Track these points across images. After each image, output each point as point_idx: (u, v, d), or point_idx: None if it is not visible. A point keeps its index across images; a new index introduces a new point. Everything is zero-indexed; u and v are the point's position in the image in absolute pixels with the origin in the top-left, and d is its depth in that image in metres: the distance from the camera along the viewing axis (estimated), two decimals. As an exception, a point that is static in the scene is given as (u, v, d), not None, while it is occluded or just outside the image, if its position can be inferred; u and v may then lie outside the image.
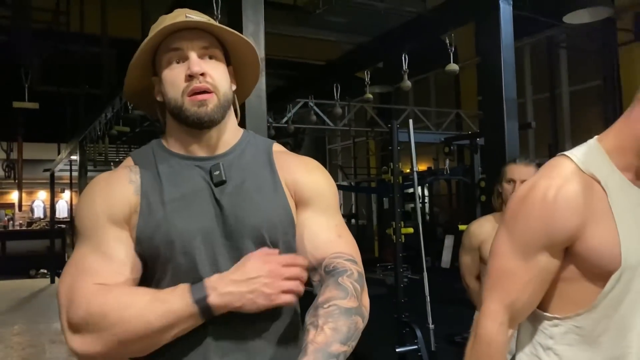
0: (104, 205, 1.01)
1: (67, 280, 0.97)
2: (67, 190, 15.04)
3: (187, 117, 1.03)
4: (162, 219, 1.00)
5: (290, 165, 1.12)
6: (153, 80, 1.10)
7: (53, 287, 10.39)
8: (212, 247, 1.01)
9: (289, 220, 1.07)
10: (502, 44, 2.38)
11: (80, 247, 1.01)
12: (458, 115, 8.80)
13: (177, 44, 1.03)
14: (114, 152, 8.58)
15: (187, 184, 1.04)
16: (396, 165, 4.01)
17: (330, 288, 0.98)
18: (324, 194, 1.12)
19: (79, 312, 0.93)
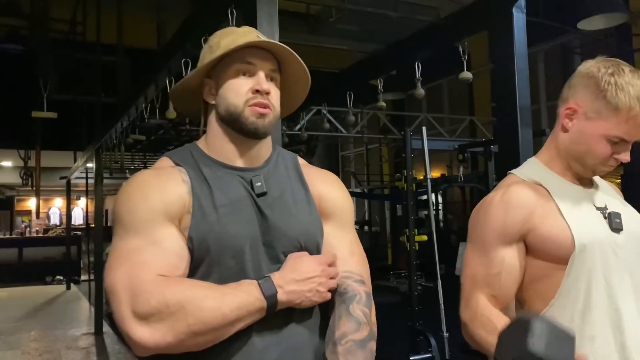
0: (159, 201, 1.04)
1: (124, 272, 0.98)
2: (83, 198, 15.20)
3: (244, 124, 1.10)
4: (215, 223, 1.05)
5: (316, 179, 1.22)
6: (205, 82, 1.17)
7: (69, 293, 10.48)
8: (257, 253, 1.07)
9: (320, 234, 1.16)
10: (516, 51, 2.37)
11: (130, 240, 1.01)
12: (472, 122, 8.78)
13: (251, 59, 1.12)
14: (129, 160, 8.67)
15: (232, 191, 1.10)
16: (410, 172, 4.02)
17: (343, 320, 1.08)
18: (344, 210, 1.22)
19: (151, 302, 0.94)
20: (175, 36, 3.46)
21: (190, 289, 0.98)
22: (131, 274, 0.97)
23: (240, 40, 1.12)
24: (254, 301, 0.99)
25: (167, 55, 3.52)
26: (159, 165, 1.14)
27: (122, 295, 0.96)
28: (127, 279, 0.97)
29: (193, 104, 1.23)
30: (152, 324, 0.94)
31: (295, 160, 1.24)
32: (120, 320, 0.96)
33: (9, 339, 6.53)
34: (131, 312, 0.94)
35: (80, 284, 11.41)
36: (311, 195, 1.18)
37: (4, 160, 12.74)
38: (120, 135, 5.75)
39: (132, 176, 1.12)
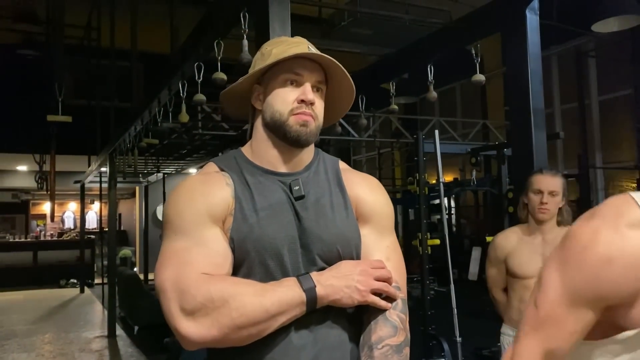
0: (205, 204, 1.10)
1: (172, 271, 1.04)
2: (97, 202, 15.34)
3: (288, 132, 1.15)
4: (255, 225, 1.11)
5: (355, 182, 1.24)
6: (254, 88, 1.22)
7: (83, 296, 10.56)
8: (295, 255, 1.12)
9: (357, 237, 1.19)
10: (529, 54, 2.36)
11: (178, 241, 1.08)
12: (485, 125, 8.72)
13: (299, 70, 1.16)
14: (143, 163, 8.72)
15: (273, 195, 1.15)
16: (422, 176, 3.99)
17: (380, 325, 1.11)
18: (382, 214, 1.24)
19: (197, 298, 1.00)
20: (188, 40, 3.48)
21: (233, 285, 1.03)
22: (178, 272, 1.03)
23: (290, 50, 1.16)
24: (293, 295, 1.04)
25: (180, 60, 3.55)
26: (205, 171, 1.20)
27: (170, 293, 1.02)
28: (175, 277, 1.03)
29: (242, 107, 1.28)
30: (198, 318, 0.99)
31: (336, 164, 1.28)
32: (169, 316, 1.01)
33: (24, 341, 6.59)
34: (179, 309, 1.00)
35: (93, 287, 11.50)
36: (349, 199, 1.21)
37: (20, 165, 12.88)
38: (133, 139, 5.79)
39: (181, 182, 1.18)
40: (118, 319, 7.26)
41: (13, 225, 16.49)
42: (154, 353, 5.73)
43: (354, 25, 4.85)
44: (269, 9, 1.92)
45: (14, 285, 11.20)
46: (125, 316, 7.40)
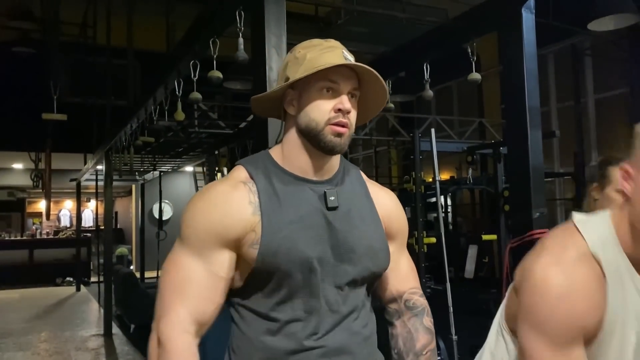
0: (220, 224, 1.11)
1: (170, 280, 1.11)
2: (93, 200, 15.31)
3: (322, 141, 1.15)
4: (285, 239, 1.10)
5: (381, 197, 1.28)
6: (287, 92, 1.21)
7: (79, 295, 10.54)
8: (325, 269, 1.12)
9: (386, 249, 1.22)
10: (525, 52, 2.36)
11: (184, 252, 1.12)
12: (481, 123, 8.73)
13: (335, 78, 1.15)
14: (139, 161, 8.70)
15: (303, 205, 1.15)
16: (418, 174, 4.00)
17: (421, 333, 1.19)
18: (405, 230, 1.31)
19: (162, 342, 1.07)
20: (184, 39, 3.47)
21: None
22: (171, 297, 1.09)
23: (326, 56, 1.15)
24: None
25: (176, 58, 3.54)
26: (233, 177, 1.19)
27: (160, 301, 1.11)
28: (168, 297, 1.10)
29: (272, 110, 1.28)
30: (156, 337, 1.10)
31: (359, 174, 1.30)
32: (155, 314, 1.10)
33: (20, 339, 6.58)
34: (157, 316, 1.10)
35: (90, 286, 11.48)
36: (377, 212, 1.24)
37: (15, 163, 12.84)
38: (129, 137, 5.77)
39: (208, 186, 1.20)
40: (114, 318, 7.25)
41: (9, 223, 16.43)
42: (150, 351, 5.72)
43: (350, 24, 4.84)
44: (265, 7, 1.91)
45: (9, 284, 11.17)
46: (122, 314, 7.39)
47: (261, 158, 1.22)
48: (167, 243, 10.39)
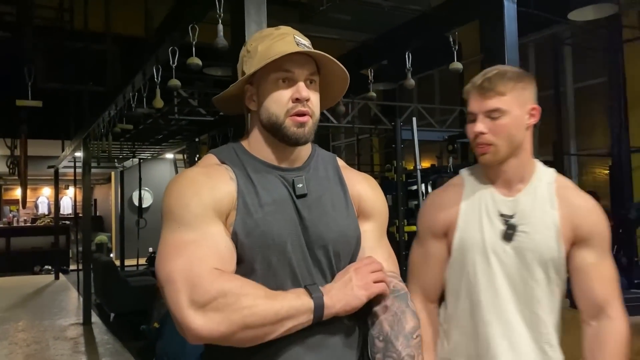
0: (210, 198, 1.08)
1: (182, 262, 1.01)
2: (71, 187, 15.08)
3: (285, 134, 1.13)
4: (260, 220, 1.09)
5: (355, 180, 1.26)
6: (246, 88, 1.19)
7: (57, 283, 10.42)
8: (297, 252, 1.11)
9: (357, 236, 1.20)
10: (507, 42, 2.36)
11: (184, 233, 1.05)
12: (462, 112, 8.77)
13: (288, 67, 1.13)
14: (118, 149, 8.58)
15: (275, 191, 1.13)
16: (400, 163, 4.01)
17: (409, 315, 1.15)
18: (382, 212, 1.28)
19: (210, 292, 0.97)
20: (162, 25, 3.41)
21: (245, 284, 1.02)
22: (190, 264, 1.00)
23: (277, 46, 1.12)
24: (302, 302, 1.04)
25: (155, 44, 3.47)
26: (205, 163, 1.18)
27: (180, 284, 0.99)
28: (186, 269, 1.00)
29: (236, 107, 1.27)
30: (209, 312, 0.97)
31: (334, 161, 1.28)
32: (176, 308, 0.99)
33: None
34: (189, 301, 0.98)
35: (68, 274, 11.35)
36: (350, 197, 1.22)
37: (-9, 149, 12.59)
38: (107, 124, 5.68)
39: (181, 173, 1.16)
40: (94, 306, 7.19)
41: (-15, 211, 16.13)
42: (130, 340, 5.69)
43: (333, 11, 4.80)
44: (245, -7, 1.87)
45: (-14, 272, 10.99)
46: (101, 303, 7.32)
47: (231, 147, 1.22)
48: (147, 231, 10.31)
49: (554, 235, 1.38)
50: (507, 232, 1.39)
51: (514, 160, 1.42)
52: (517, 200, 1.42)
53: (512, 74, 1.41)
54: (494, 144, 1.39)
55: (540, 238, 1.38)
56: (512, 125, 1.39)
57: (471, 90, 1.43)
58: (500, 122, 1.38)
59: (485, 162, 1.43)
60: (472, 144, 1.43)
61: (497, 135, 1.38)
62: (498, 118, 1.38)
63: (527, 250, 1.37)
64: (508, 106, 1.38)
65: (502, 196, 1.43)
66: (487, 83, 1.38)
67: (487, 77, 1.39)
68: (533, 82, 1.46)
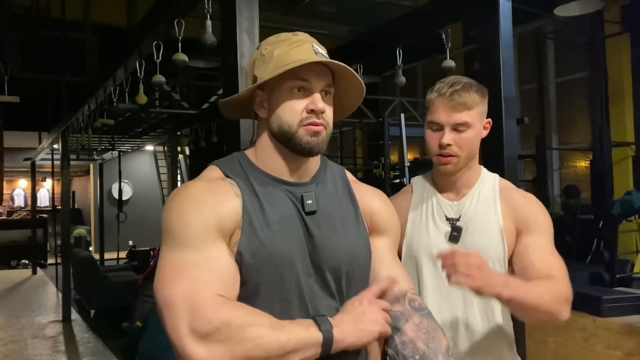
0: (214, 216, 1.02)
1: (184, 287, 0.95)
2: (49, 179, 14.78)
3: (298, 144, 1.08)
4: (266, 239, 1.03)
5: (367, 195, 1.21)
6: (256, 94, 1.13)
7: (35, 278, 10.22)
8: (306, 273, 1.06)
9: (369, 255, 1.15)
10: (501, 40, 2.32)
11: (185, 254, 0.98)
12: (446, 106, 8.77)
13: (306, 76, 1.08)
14: (97, 141, 8.41)
15: (282, 207, 1.08)
16: (387, 159, 3.97)
17: (440, 333, 1.09)
18: (396, 228, 1.24)
19: (213, 322, 0.91)
20: (147, 17, 3.29)
21: (251, 313, 0.96)
22: (191, 290, 0.94)
23: (294, 52, 1.07)
24: (310, 335, 0.97)
25: (138, 37, 3.36)
26: (208, 176, 1.12)
27: (181, 311, 0.93)
28: (187, 294, 0.94)
29: (242, 112, 1.21)
30: (211, 344, 0.91)
31: (343, 175, 1.23)
32: (176, 336, 0.93)
33: (-28, 327, 6.33)
34: (189, 329, 0.92)
35: (46, 268, 11.15)
36: (361, 214, 1.17)
37: (-36, 140, 12.24)
38: (87, 118, 5.53)
39: (183, 186, 1.09)
40: (73, 302, 7.05)
41: (-42, 203, 15.74)
42: (111, 338, 5.59)
43: (319, 4, 4.72)
44: (235, -13, 1.79)
45: (-40, 267, 10.74)
46: (81, 299, 7.19)
47: (235, 159, 1.15)
48: (127, 224, 10.16)
49: (498, 234, 1.45)
50: (453, 234, 1.46)
51: (466, 170, 1.51)
52: (461, 204, 1.50)
53: (477, 88, 1.47)
54: (458, 156, 1.45)
55: (486, 238, 1.45)
56: (474, 138, 1.47)
57: (438, 101, 1.47)
58: (466, 135, 1.45)
59: (446, 172, 1.49)
60: (433, 152, 1.48)
61: (461, 148, 1.45)
62: (464, 131, 1.44)
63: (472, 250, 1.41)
64: (473, 120, 1.45)
65: (447, 201, 1.53)
66: (458, 97, 1.43)
67: (456, 90, 1.44)
68: (486, 96, 1.52)
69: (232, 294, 0.99)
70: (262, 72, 1.10)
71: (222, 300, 0.95)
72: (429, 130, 1.49)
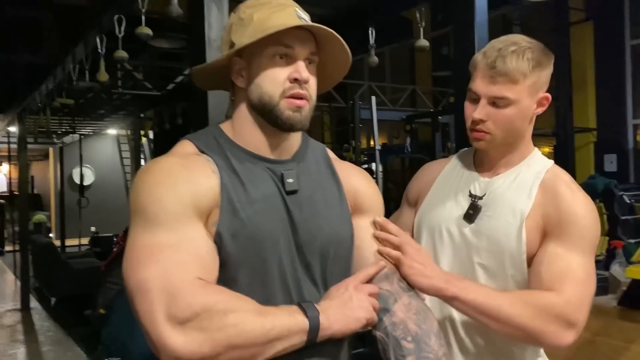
0: (190, 194, 0.94)
1: (159, 269, 0.87)
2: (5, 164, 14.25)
3: (279, 117, 1.00)
4: (247, 220, 0.96)
5: (350, 174, 1.14)
6: (234, 61, 1.04)
7: (-9, 266, 9.88)
8: (288, 255, 1.00)
9: (351, 235, 1.09)
10: (476, 20, 2.29)
11: (158, 235, 0.90)
12: (414, 91, 8.79)
13: (289, 42, 0.99)
14: (57, 124, 8.12)
15: (263, 185, 1.01)
16: (358, 143, 3.93)
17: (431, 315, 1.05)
18: (380, 208, 1.17)
19: (193, 306, 0.84)
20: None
21: (233, 298, 0.89)
22: (167, 272, 0.86)
23: (277, 17, 0.98)
24: (296, 321, 0.91)
25: (98, 11, 3.20)
26: (181, 151, 1.03)
27: (156, 296, 0.85)
28: (163, 277, 0.86)
29: (217, 82, 1.12)
30: (190, 331, 0.84)
31: (325, 153, 1.16)
32: (150, 322, 0.85)
33: None
34: (166, 315, 0.84)
35: (4, 256, 10.82)
36: (344, 193, 1.10)
37: None
38: (45, 98, 5.30)
39: (153, 162, 1.00)
40: (32, 290, 6.83)
41: None
42: (73, 326, 5.43)
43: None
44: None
45: None
46: (41, 287, 6.97)
47: (211, 132, 1.06)
48: (89, 210, 9.90)
49: (517, 224, 1.23)
50: (469, 212, 1.29)
51: (508, 148, 1.30)
52: (492, 182, 1.30)
53: (535, 54, 1.21)
54: (492, 133, 1.24)
55: (502, 226, 1.24)
56: (517, 116, 1.23)
57: (479, 65, 1.23)
58: (505, 111, 1.22)
59: (478, 147, 1.31)
60: (467, 125, 1.28)
61: (498, 125, 1.23)
62: (503, 107, 1.21)
63: (484, 235, 1.26)
64: (518, 95, 1.21)
65: (479, 176, 1.33)
66: (501, 63, 1.19)
67: (501, 55, 1.19)
68: (551, 65, 1.26)
69: (212, 277, 0.92)
70: (240, 37, 1.01)
71: (202, 284, 0.88)
72: (467, 100, 1.27)
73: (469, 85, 1.26)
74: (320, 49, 1.05)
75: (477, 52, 1.31)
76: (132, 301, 0.88)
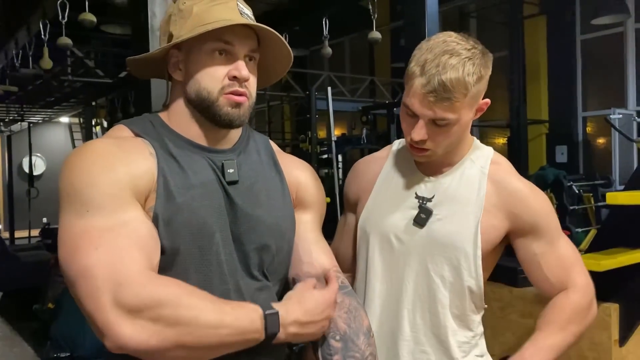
0: (127, 175, 0.89)
1: (104, 255, 0.82)
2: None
3: (217, 114, 0.97)
4: (184, 205, 0.93)
5: (293, 167, 1.13)
6: (171, 53, 1.01)
7: None
8: (225, 245, 0.97)
9: (293, 228, 1.08)
10: (427, 11, 2.30)
11: (95, 219, 0.85)
12: (372, 82, 8.82)
13: (229, 38, 0.97)
14: (4, 111, 7.80)
15: (202, 173, 0.97)
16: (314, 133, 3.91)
17: (362, 312, 1.04)
18: (322, 203, 1.15)
19: (141, 295, 0.80)
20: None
21: (190, 295, 0.85)
22: (112, 258, 0.82)
23: (218, 11, 0.96)
24: (253, 332, 0.87)
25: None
26: (117, 134, 0.98)
27: (102, 281, 0.80)
28: (108, 263, 0.82)
29: (154, 71, 1.08)
30: (138, 320, 0.80)
31: (268, 144, 1.13)
32: (96, 308, 0.80)
33: None
34: (113, 301, 0.80)
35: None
36: (287, 185, 1.09)
37: None
38: (-13, 85, 5.07)
39: (86, 144, 0.95)
40: (-22, 284, 6.58)
41: None
42: (20, 321, 5.25)
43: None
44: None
45: None
46: (-13, 281, 6.72)
47: (147, 119, 1.02)
48: (40, 200, 9.57)
49: (472, 228, 1.19)
50: (420, 216, 1.21)
51: (449, 151, 1.24)
52: (439, 182, 1.23)
53: (472, 66, 1.12)
54: (432, 150, 1.18)
55: (455, 229, 1.19)
56: (457, 131, 1.17)
57: (415, 83, 1.11)
58: (445, 129, 1.15)
59: (419, 161, 1.25)
60: (405, 140, 1.22)
61: (438, 142, 1.17)
62: (444, 126, 1.14)
63: (437, 240, 1.20)
64: (458, 114, 1.14)
65: (423, 175, 1.25)
66: (440, 87, 1.09)
67: (439, 74, 1.09)
68: (490, 67, 1.19)
69: (155, 261, 0.88)
70: (179, 30, 0.98)
71: (152, 275, 0.84)
72: (404, 115, 1.18)
73: (404, 100, 1.16)
74: (262, 45, 1.03)
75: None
76: (74, 287, 0.83)
